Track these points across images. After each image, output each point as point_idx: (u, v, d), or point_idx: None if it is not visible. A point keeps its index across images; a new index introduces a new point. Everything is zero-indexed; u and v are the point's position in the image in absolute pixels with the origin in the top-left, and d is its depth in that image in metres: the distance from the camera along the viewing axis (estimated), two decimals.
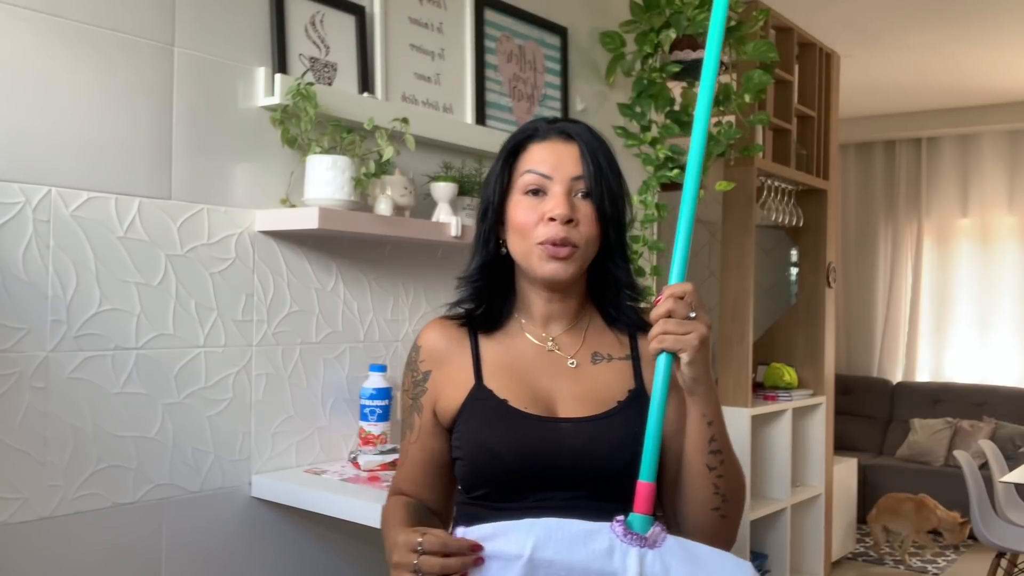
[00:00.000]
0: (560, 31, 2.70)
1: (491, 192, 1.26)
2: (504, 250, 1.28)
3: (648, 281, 2.88)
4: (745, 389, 3.34)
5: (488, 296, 1.30)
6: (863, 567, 4.68)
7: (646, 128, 2.72)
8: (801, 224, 3.84)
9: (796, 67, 3.78)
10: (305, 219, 1.86)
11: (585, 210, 1.22)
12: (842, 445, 5.54)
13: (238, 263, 1.90)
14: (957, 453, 3.97)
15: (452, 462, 1.28)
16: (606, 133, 3.35)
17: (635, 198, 2.72)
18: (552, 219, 1.20)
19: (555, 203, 1.20)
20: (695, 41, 2.69)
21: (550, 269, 1.22)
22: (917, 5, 4.11)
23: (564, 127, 1.26)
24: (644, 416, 1.14)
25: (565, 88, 2.70)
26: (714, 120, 2.99)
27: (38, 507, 1.59)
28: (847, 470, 4.72)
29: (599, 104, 2.85)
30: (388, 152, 1.97)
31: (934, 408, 5.90)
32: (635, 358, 1.29)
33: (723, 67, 2.76)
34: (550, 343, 1.29)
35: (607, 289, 1.30)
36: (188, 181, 1.81)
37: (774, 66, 3.11)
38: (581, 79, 2.79)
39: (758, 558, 3.56)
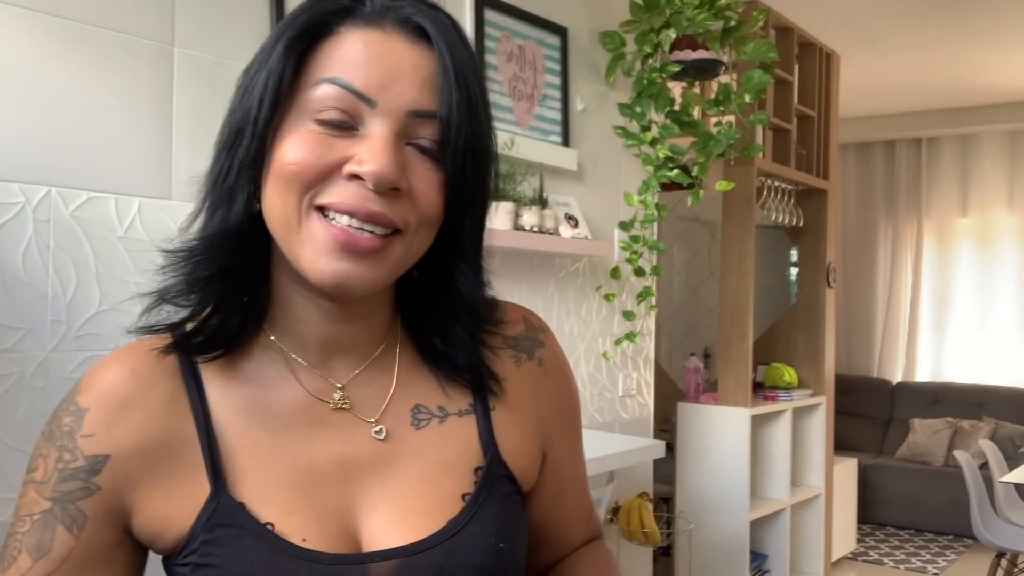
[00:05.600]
0: (560, 31, 2.70)
1: (255, 99, 0.70)
2: (257, 206, 0.71)
3: (648, 281, 2.88)
4: (745, 389, 3.34)
5: (221, 296, 0.73)
6: (863, 567, 4.69)
7: (646, 128, 2.72)
8: (801, 224, 3.85)
9: (796, 67, 3.77)
10: None
11: (425, 175, 0.69)
12: (842, 445, 5.55)
13: None
14: (957, 453, 3.97)
15: None
16: (606, 134, 3.28)
17: (635, 198, 2.72)
18: (358, 176, 0.66)
19: (370, 150, 0.66)
20: (695, 41, 2.69)
21: (332, 271, 0.67)
22: (917, 5, 4.11)
23: (411, 13, 0.69)
24: (510, 506, 0.74)
25: (565, 88, 2.70)
26: (714, 120, 2.99)
27: None
28: (847, 470, 4.72)
29: (599, 104, 2.85)
30: None
31: (934, 408, 5.91)
32: (481, 409, 0.78)
33: (723, 67, 2.76)
34: (337, 395, 0.74)
35: (436, 307, 0.77)
36: (188, 181, 1.81)
37: (774, 66, 3.12)
38: (581, 79, 2.79)
39: (758, 558, 3.56)
